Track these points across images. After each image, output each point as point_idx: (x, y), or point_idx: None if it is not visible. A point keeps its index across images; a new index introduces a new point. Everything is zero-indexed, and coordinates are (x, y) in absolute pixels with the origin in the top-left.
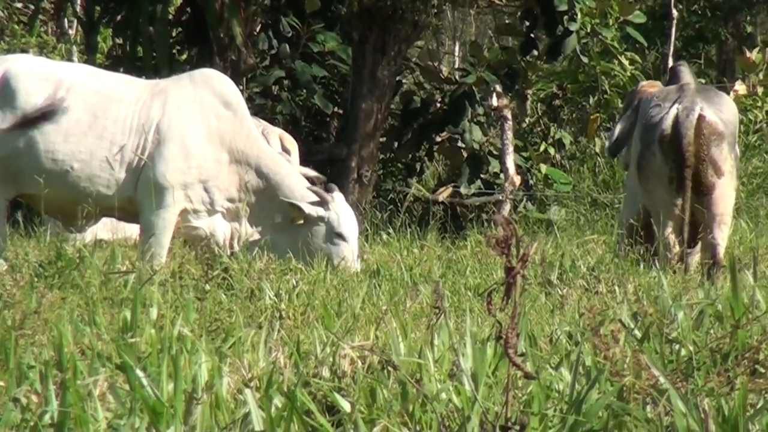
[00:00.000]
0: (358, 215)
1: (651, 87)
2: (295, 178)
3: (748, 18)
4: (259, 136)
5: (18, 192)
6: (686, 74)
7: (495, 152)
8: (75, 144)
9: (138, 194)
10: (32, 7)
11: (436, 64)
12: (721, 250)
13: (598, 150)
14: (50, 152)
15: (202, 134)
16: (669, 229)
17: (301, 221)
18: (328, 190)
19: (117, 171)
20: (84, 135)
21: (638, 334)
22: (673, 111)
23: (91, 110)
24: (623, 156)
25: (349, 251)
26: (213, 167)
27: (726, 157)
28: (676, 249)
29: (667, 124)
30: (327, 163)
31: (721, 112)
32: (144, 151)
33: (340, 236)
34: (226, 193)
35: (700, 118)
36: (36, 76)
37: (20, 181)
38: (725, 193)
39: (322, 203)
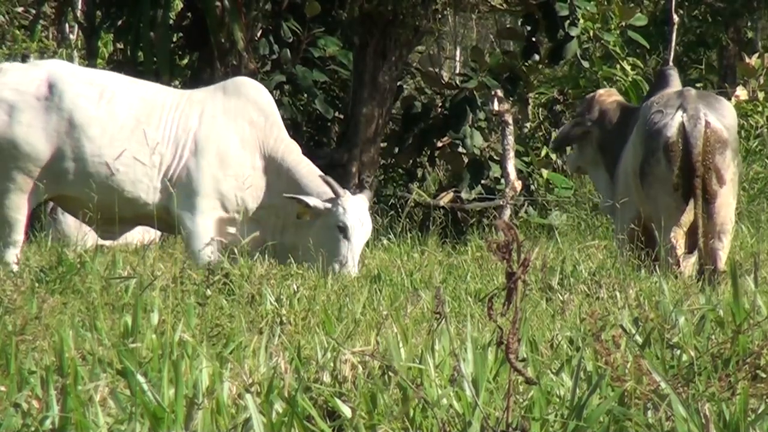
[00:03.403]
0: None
1: (609, 96)
2: (314, 176)
3: (749, 23)
4: (287, 137)
5: (55, 193)
6: (675, 79)
7: (496, 157)
8: (119, 148)
9: (176, 203)
10: (33, 11)
11: (437, 69)
12: (723, 258)
13: None
14: (96, 156)
15: (237, 142)
16: (672, 234)
17: (308, 217)
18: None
19: (156, 178)
20: (128, 140)
21: (639, 339)
22: (678, 118)
23: (135, 116)
24: (572, 160)
25: (348, 251)
26: (248, 174)
27: (729, 164)
28: (680, 253)
29: (673, 131)
30: (328, 168)
31: (724, 117)
32: (181, 161)
33: (342, 231)
34: (259, 201)
35: (706, 125)
36: (82, 79)
37: (62, 183)
38: (726, 201)
39: (333, 198)
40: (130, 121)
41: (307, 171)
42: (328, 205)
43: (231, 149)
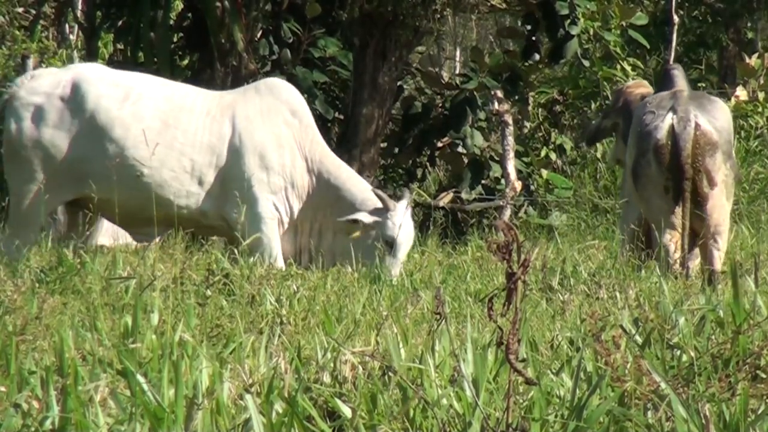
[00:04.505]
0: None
1: (637, 87)
2: (356, 183)
3: (749, 24)
4: (323, 142)
5: (81, 194)
6: (680, 78)
7: (496, 157)
8: (145, 150)
9: (238, 216)
10: (33, 12)
11: (437, 69)
12: (719, 258)
13: (599, 155)
14: (120, 157)
15: (273, 142)
16: (668, 236)
17: (358, 233)
18: (400, 198)
19: (188, 183)
20: (153, 143)
21: (639, 339)
22: (668, 120)
23: (162, 118)
24: (613, 154)
25: (392, 264)
26: (290, 173)
27: (719, 166)
28: (677, 255)
29: (662, 133)
30: None
31: (715, 119)
32: (217, 169)
33: (389, 244)
34: (301, 202)
35: (696, 127)
36: (107, 81)
37: (86, 185)
38: (718, 203)
39: (383, 209)
40: (157, 124)
41: (347, 176)
42: (378, 219)
43: (269, 148)
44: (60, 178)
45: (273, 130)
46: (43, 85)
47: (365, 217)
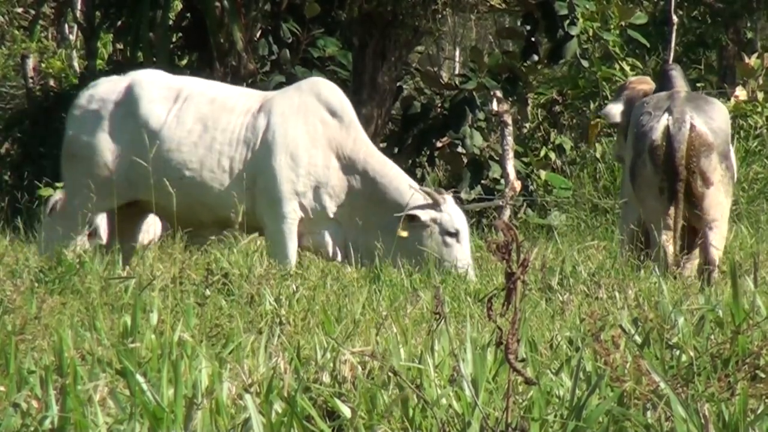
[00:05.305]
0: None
1: (640, 83)
2: (403, 180)
3: (749, 24)
4: (367, 140)
5: (133, 198)
6: (678, 78)
7: (495, 158)
8: (186, 153)
9: (257, 208)
10: (33, 12)
11: (436, 69)
12: (716, 252)
13: (598, 155)
14: (164, 161)
15: (306, 140)
16: (665, 237)
17: (405, 233)
18: (439, 193)
19: (227, 182)
20: (195, 145)
21: (639, 339)
22: (663, 121)
23: (202, 120)
24: (615, 150)
25: (462, 253)
26: (323, 173)
27: (715, 167)
28: (673, 258)
29: (657, 135)
30: None
31: (712, 120)
32: (252, 163)
33: (454, 236)
34: (337, 200)
35: (691, 128)
36: (159, 84)
37: (136, 187)
38: (714, 201)
39: (434, 205)
40: (198, 126)
41: (394, 175)
42: (435, 214)
43: (301, 147)
44: (113, 181)
45: (307, 129)
46: (99, 92)
47: (423, 214)
